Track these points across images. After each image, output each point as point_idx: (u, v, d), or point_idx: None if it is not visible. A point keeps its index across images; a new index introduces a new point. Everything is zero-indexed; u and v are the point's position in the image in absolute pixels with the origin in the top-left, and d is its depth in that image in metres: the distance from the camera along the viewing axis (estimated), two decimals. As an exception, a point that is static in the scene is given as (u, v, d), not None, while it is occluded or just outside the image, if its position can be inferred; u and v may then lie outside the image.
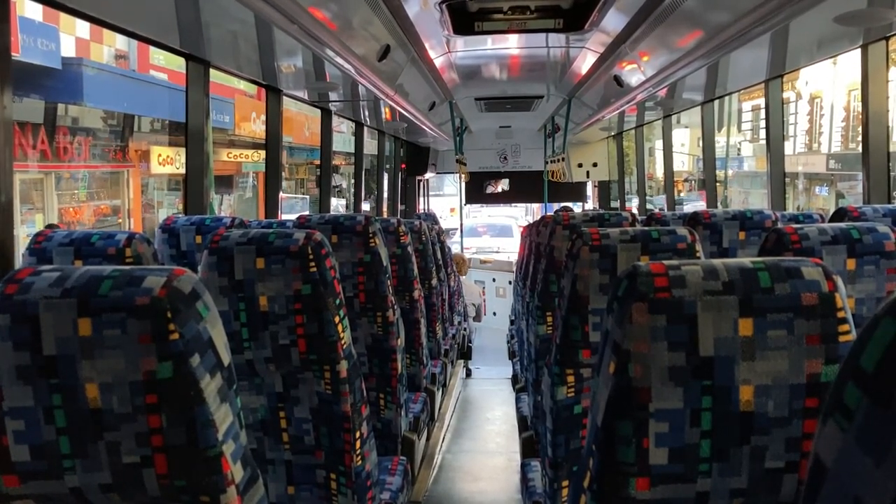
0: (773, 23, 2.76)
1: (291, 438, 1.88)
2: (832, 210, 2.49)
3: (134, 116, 10.27)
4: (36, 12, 7.73)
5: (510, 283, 9.09)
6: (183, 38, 3.05)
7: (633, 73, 4.58)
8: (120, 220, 10.16)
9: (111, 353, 0.98)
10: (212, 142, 3.55)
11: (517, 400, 3.66)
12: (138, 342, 0.98)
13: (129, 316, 0.98)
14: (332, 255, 1.78)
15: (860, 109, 3.32)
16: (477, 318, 8.16)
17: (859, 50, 3.19)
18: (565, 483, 1.88)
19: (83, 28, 8.90)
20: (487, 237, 15.22)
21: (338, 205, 13.05)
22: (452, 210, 16.00)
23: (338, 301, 1.78)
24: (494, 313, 9.30)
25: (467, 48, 4.88)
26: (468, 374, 7.06)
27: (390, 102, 5.04)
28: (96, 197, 9.92)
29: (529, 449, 2.88)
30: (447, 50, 4.81)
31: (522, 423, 3.25)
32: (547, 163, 8.77)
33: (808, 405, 0.98)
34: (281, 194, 4.39)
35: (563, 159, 8.00)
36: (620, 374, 0.99)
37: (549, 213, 3.47)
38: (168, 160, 10.70)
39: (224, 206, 12.90)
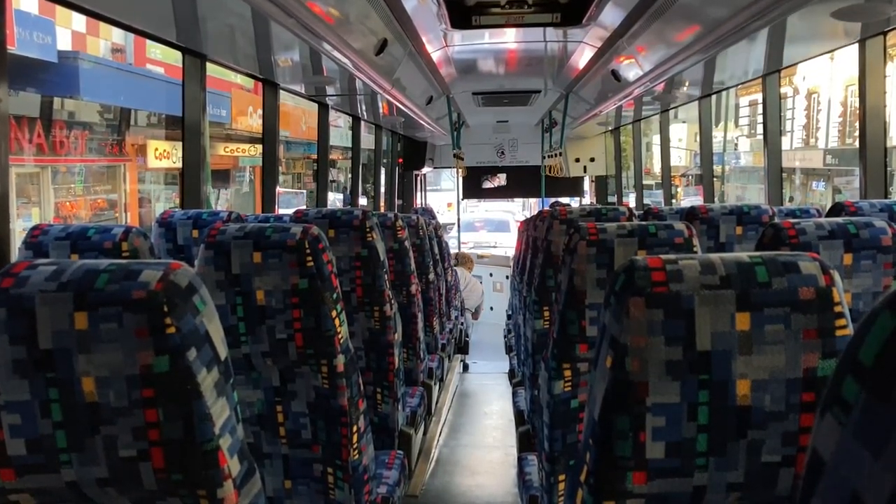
0: (770, 18, 2.76)
1: (288, 433, 1.88)
2: (829, 205, 2.49)
3: (130, 110, 10.25)
4: (32, 5, 7.70)
5: (507, 277, 9.09)
6: (179, 31, 3.04)
7: (631, 68, 4.58)
8: (116, 215, 10.14)
9: (108, 347, 0.98)
10: (208, 136, 3.54)
11: (514, 394, 3.66)
12: (135, 336, 0.98)
13: (125, 310, 0.98)
14: (329, 249, 1.78)
15: (857, 105, 3.33)
16: (475, 315, 8.16)
17: (857, 45, 3.19)
18: (562, 477, 1.88)
19: (79, 21, 8.87)
20: (484, 232, 15.20)
21: (335, 199, 13.03)
22: (450, 205, 15.99)
23: (335, 295, 1.78)
24: (491, 308, 9.30)
25: (465, 42, 4.87)
26: (465, 368, 7.07)
27: (387, 97, 5.03)
28: (93, 191, 9.91)
29: (526, 443, 2.89)
30: (444, 44, 4.80)
31: (519, 418, 3.26)
32: (544, 157, 8.76)
33: (805, 399, 0.98)
34: (278, 189, 4.39)
35: (560, 154, 8.00)
36: (617, 369, 0.99)
37: (546, 208, 3.47)
38: (165, 154, 10.68)
39: (221, 200, 12.88)
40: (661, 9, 3.25)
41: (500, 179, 10.11)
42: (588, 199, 10.30)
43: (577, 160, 9.31)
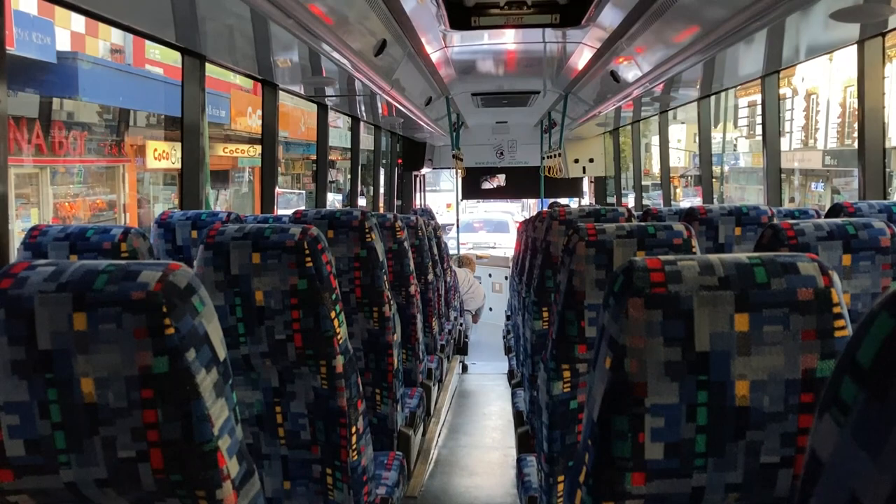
0: (769, 19, 2.77)
1: (287, 433, 1.88)
2: (827, 206, 2.49)
3: (129, 111, 10.24)
4: (31, 6, 7.70)
5: (506, 278, 9.10)
6: (179, 32, 3.04)
7: (630, 69, 4.58)
8: (115, 215, 10.13)
9: (106, 348, 0.98)
10: (207, 136, 3.54)
11: (513, 395, 3.66)
12: (134, 337, 0.98)
13: (124, 310, 0.98)
14: (328, 250, 1.78)
15: (856, 105, 3.33)
16: (475, 318, 8.16)
17: (855, 46, 3.19)
18: (561, 478, 1.88)
19: (78, 22, 8.86)
20: (483, 233, 15.19)
21: (333, 200, 13.04)
22: (449, 205, 16.00)
23: (334, 296, 1.78)
24: (490, 309, 9.30)
25: (464, 43, 4.87)
26: (464, 369, 7.07)
27: (387, 97, 5.04)
28: (92, 192, 9.90)
29: (525, 444, 2.88)
30: (444, 45, 4.80)
31: (518, 419, 3.25)
32: (543, 158, 8.77)
33: (804, 400, 0.98)
34: (277, 189, 4.39)
35: (559, 155, 8.01)
36: (616, 370, 0.99)
37: (545, 209, 3.48)
38: (164, 155, 10.68)
39: (220, 201, 12.87)
40: (660, 10, 3.25)
41: (500, 180, 10.12)
42: (587, 199, 10.30)
43: (576, 161, 9.32)
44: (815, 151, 13.97)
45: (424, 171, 10.38)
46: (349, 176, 6.84)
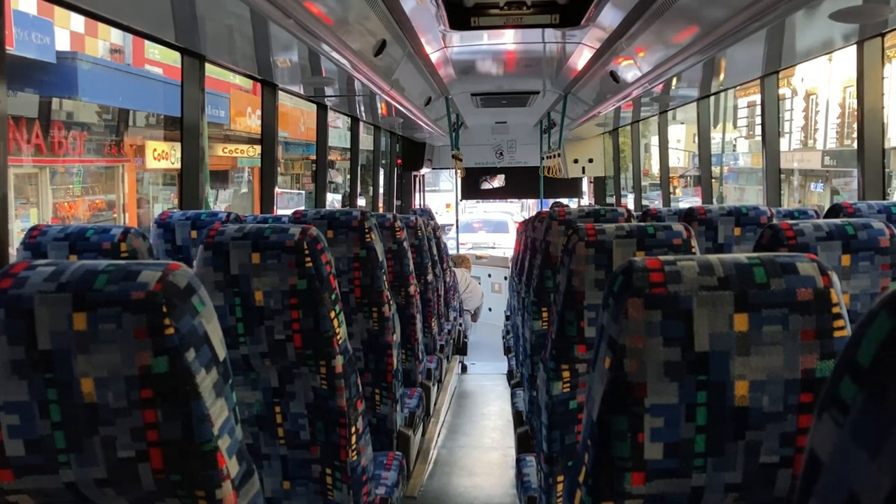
0: (769, 19, 2.77)
1: (287, 433, 1.88)
2: (827, 206, 2.50)
3: (129, 111, 10.23)
4: (31, 6, 7.69)
5: (506, 278, 9.10)
6: (178, 32, 3.04)
7: (630, 69, 4.58)
8: (115, 215, 10.13)
9: (106, 348, 0.98)
10: (207, 136, 3.54)
11: (512, 395, 3.66)
12: (133, 337, 0.98)
13: (124, 310, 0.98)
14: (327, 250, 1.78)
15: (855, 106, 3.33)
16: (474, 318, 8.16)
17: (855, 46, 3.20)
18: (560, 478, 1.88)
19: (78, 22, 8.86)
20: (483, 233, 15.20)
21: (333, 200, 13.03)
22: (448, 206, 15.99)
23: (333, 296, 1.78)
24: (490, 309, 9.30)
25: (463, 43, 4.88)
26: (464, 369, 7.07)
27: (386, 98, 5.04)
28: (91, 192, 9.90)
29: (525, 444, 2.89)
30: (443, 45, 4.81)
31: (518, 419, 3.26)
32: (543, 158, 8.77)
33: (803, 400, 0.99)
34: (276, 189, 4.39)
35: (559, 155, 8.01)
36: (616, 370, 0.99)
37: (544, 209, 3.48)
38: (163, 155, 10.67)
39: (219, 201, 12.87)
40: (660, 10, 3.25)
41: (499, 180, 10.13)
42: (586, 200, 10.31)
43: (576, 161, 9.32)
44: (814, 152, 13.96)
45: (424, 171, 10.38)
46: (349, 176, 6.84)
